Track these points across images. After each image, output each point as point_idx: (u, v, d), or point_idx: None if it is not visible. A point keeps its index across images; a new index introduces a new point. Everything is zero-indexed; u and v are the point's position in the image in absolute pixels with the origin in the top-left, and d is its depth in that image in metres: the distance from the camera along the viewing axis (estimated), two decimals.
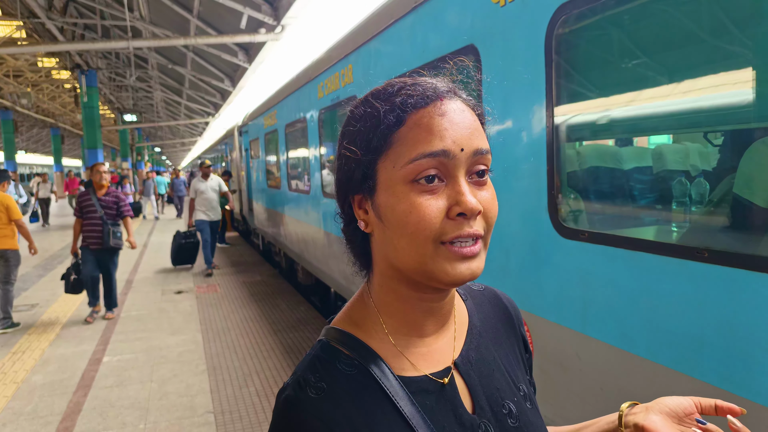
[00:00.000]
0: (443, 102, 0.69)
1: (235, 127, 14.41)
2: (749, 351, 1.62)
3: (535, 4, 2.43)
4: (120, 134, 32.98)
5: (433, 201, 0.65)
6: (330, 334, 0.76)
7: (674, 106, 2.16)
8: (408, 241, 0.66)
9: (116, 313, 7.27)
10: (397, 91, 0.71)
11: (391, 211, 0.68)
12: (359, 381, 0.70)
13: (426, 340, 0.76)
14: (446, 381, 0.74)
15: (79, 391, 4.68)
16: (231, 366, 5.20)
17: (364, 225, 0.74)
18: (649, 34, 2.20)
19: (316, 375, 0.70)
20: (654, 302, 1.94)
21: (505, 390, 0.80)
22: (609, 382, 2.16)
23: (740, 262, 1.64)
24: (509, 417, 0.78)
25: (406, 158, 0.66)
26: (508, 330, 0.91)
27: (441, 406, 0.72)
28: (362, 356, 0.72)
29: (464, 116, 0.69)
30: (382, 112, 0.69)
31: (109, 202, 6.85)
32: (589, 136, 2.58)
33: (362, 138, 0.71)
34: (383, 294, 0.76)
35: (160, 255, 12.24)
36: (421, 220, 0.65)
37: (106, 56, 23.10)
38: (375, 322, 0.75)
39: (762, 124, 1.97)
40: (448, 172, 0.67)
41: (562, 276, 2.38)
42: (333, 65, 5.57)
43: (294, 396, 0.68)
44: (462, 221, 0.66)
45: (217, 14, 13.05)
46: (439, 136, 0.66)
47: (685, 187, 2.13)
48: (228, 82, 19.14)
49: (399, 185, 0.67)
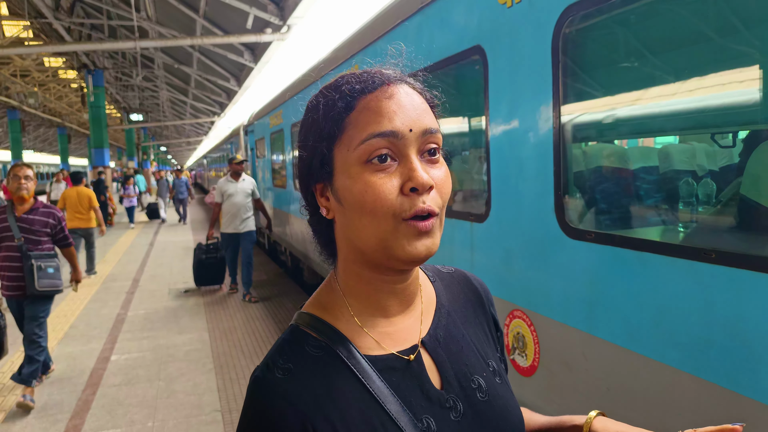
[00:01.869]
0: (390, 86, 0.72)
1: (241, 127, 14.45)
2: (755, 352, 1.63)
3: (542, 5, 2.43)
4: (126, 133, 33.15)
5: (387, 179, 0.69)
6: (300, 318, 0.79)
7: (681, 106, 2.17)
8: (369, 220, 0.69)
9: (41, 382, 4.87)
10: (345, 81, 0.75)
11: (348, 192, 0.71)
12: (326, 362, 0.72)
13: (392, 320, 0.79)
14: (412, 358, 0.77)
15: (88, 389, 4.72)
16: (238, 365, 5.23)
17: (326, 212, 0.77)
18: (655, 34, 2.21)
19: (283, 357, 0.72)
20: (660, 303, 1.95)
21: (474, 366, 0.83)
22: (615, 382, 2.17)
23: (747, 264, 1.65)
24: (478, 391, 0.80)
25: (357, 140, 0.70)
26: (477, 309, 0.94)
27: (407, 382, 0.75)
28: (329, 338, 0.75)
29: (412, 99, 0.73)
30: (332, 100, 0.73)
31: (35, 223, 4.45)
32: (596, 137, 2.58)
33: (316, 127, 0.74)
34: (347, 278, 0.79)
35: (167, 254, 12.30)
36: (377, 198, 0.68)
37: (112, 56, 23.22)
38: (341, 305, 0.78)
39: None
40: (399, 151, 0.70)
41: (568, 276, 2.39)
42: (338, 65, 5.59)
43: (262, 377, 0.71)
44: (415, 197, 0.68)
45: (223, 14, 13.10)
46: (388, 117, 0.69)
47: (691, 187, 2.14)
48: (234, 81, 19.21)
49: (354, 167, 0.70)
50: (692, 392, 1.83)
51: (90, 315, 7.21)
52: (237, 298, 7.91)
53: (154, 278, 9.55)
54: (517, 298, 2.69)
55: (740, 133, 2.19)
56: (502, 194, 2.81)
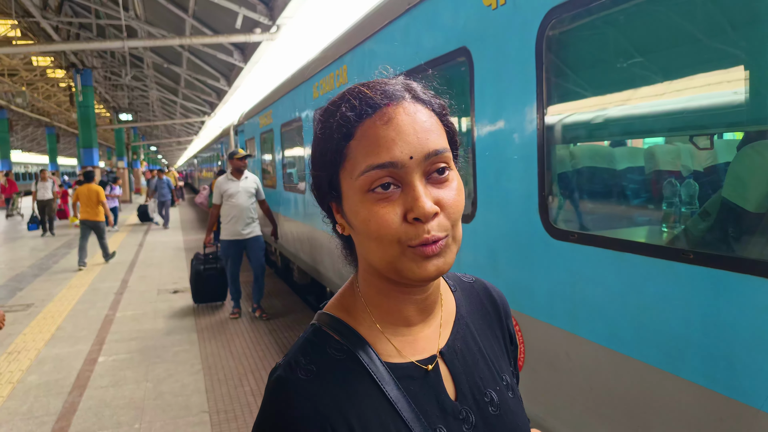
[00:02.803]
0: (389, 108, 0.69)
1: (231, 126, 14.40)
2: (733, 351, 1.65)
3: (526, 7, 2.45)
4: (116, 133, 32.92)
5: (390, 208, 0.68)
6: (322, 319, 0.80)
7: (663, 107, 2.19)
8: (376, 245, 0.70)
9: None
10: (348, 100, 0.71)
11: (355, 217, 0.71)
12: (347, 366, 0.73)
13: (412, 329, 0.79)
14: (430, 368, 0.77)
15: (75, 391, 4.69)
16: (226, 365, 5.21)
17: (341, 229, 0.78)
18: (638, 36, 2.23)
19: (306, 358, 0.73)
20: (641, 303, 1.97)
21: (488, 379, 0.84)
22: (598, 381, 2.19)
23: (724, 264, 1.67)
24: (490, 405, 0.81)
25: (358, 170, 0.69)
26: (494, 322, 0.94)
27: (424, 391, 0.75)
28: (351, 342, 0.75)
29: (414, 119, 0.69)
30: (333, 129, 0.71)
31: None
32: (580, 138, 2.61)
33: (322, 151, 0.74)
34: (366, 287, 0.79)
35: (156, 254, 12.23)
36: (381, 227, 0.68)
37: (101, 55, 23.05)
38: (363, 310, 0.79)
39: (750, 127, 2.01)
40: (402, 178, 0.68)
41: (552, 276, 2.41)
42: (328, 66, 5.59)
43: (284, 377, 0.71)
44: (420, 225, 0.67)
45: (212, 14, 13.05)
46: (385, 147, 0.67)
47: (674, 188, 2.16)
48: (224, 81, 19.14)
49: (357, 195, 0.70)
50: (672, 391, 1.86)
51: (78, 316, 7.16)
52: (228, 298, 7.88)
53: (143, 279, 9.50)
54: None
55: (722, 134, 2.22)
56: (488, 195, 2.83)
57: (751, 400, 1.60)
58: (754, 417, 1.58)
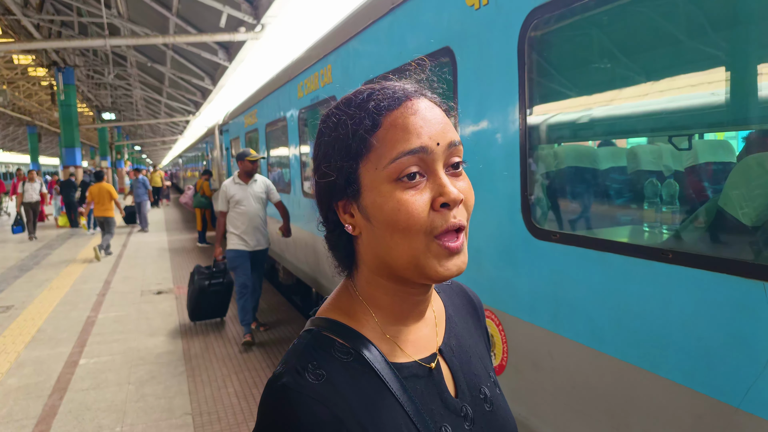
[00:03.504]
0: (413, 101, 0.72)
1: (216, 126, 14.30)
2: (712, 350, 1.66)
3: (508, 8, 2.46)
4: (99, 132, 32.55)
5: (419, 196, 0.69)
6: (320, 323, 0.78)
7: (644, 108, 2.21)
8: (401, 237, 0.69)
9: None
10: (367, 97, 0.73)
11: (379, 210, 0.70)
12: (355, 368, 0.72)
13: (411, 328, 0.80)
14: (433, 366, 0.78)
15: (55, 394, 4.62)
16: (210, 367, 5.17)
17: (351, 228, 0.76)
18: (619, 37, 2.25)
19: (313, 363, 0.71)
20: (623, 302, 1.98)
21: (481, 376, 0.86)
22: (580, 380, 2.20)
23: (704, 264, 1.69)
24: (485, 401, 0.83)
25: (387, 158, 0.69)
26: (475, 321, 0.96)
27: (429, 390, 0.76)
28: (356, 344, 0.74)
29: (434, 113, 0.73)
30: (357, 118, 0.72)
31: None
32: (563, 138, 2.62)
33: (341, 145, 0.73)
34: (370, 289, 0.78)
35: (140, 255, 12.10)
36: (410, 216, 0.68)
37: (83, 53, 22.78)
38: (364, 312, 0.78)
39: (730, 129, 2.03)
40: (427, 167, 0.70)
41: (534, 276, 2.42)
42: (312, 65, 5.57)
43: (294, 382, 0.68)
44: (446, 212, 0.69)
45: (196, 12, 12.95)
46: (416, 133, 0.69)
47: (655, 188, 2.18)
48: (208, 80, 19.01)
49: (384, 185, 0.70)
50: (652, 389, 1.87)
51: (59, 318, 7.06)
52: None
53: (126, 280, 9.40)
54: (486, 297, 2.72)
55: (703, 135, 2.24)
56: None
57: (728, 398, 1.62)
58: (733, 415, 1.59)
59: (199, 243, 13.63)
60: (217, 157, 14.59)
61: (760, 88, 1.83)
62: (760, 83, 1.83)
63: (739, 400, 1.58)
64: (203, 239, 13.69)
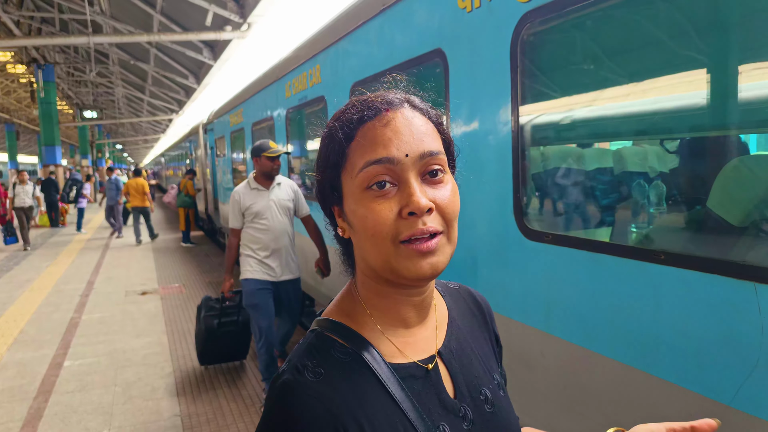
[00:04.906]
0: (388, 112, 0.75)
1: (200, 125, 14.19)
2: (703, 349, 1.70)
3: (501, 11, 2.48)
4: (79, 131, 32.09)
5: (386, 203, 0.72)
6: (323, 324, 0.81)
7: (634, 110, 2.25)
8: (371, 243, 0.73)
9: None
10: (351, 108, 0.78)
11: (354, 216, 0.75)
12: (353, 367, 0.75)
13: (411, 330, 0.82)
14: (431, 367, 0.80)
15: (40, 397, 4.56)
16: (198, 368, 5.13)
17: (342, 232, 0.81)
18: (609, 41, 2.28)
19: (313, 361, 0.74)
20: (611, 302, 2.01)
21: (482, 378, 0.87)
22: (571, 379, 2.23)
23: (695, 264, 1.72)
24: (485, 403, 0.84)
25: (357, 168, 0.73)
26: (481, 324, 0.98)
27: (426, 390, 0.78)
28: (355, 344, 0.77)
29: (411, 122, 0.75)
30: (338, 130, 0.77)
31: None
32: (554, 139, 2.65)
33: (324, 156, 0.79)
34: (365, 291, 0.82)
35: (123, 255, 11.97)
36: (377, 222, 0.71)
37: (64, 50, 22.46)
38: (364, 314, 0.81)
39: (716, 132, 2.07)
40: (398, 176, 0.72)
41: (527, 277, 2.44)
42: (300, 65, 5.55)
43: (293, 380, 0.72)
44: (414, 219, 0.71)
45: (181, 10, 12.84)
46: (383, 144, 0.72)
47: (645, 190, 2.21)
48: (192, 79, 18.84)
49: (357, 193, 0.74)
50: (644, 389, 1.90)
51: (41, 320, 6.96)
52: (197, 300, 7.75)
53: (109, 280, 9.29)
54: None
55: (691, 138, 2.28)
56: (463, 196, 2.84)
57: (719, 396, 1.65)
58: (724, 413, 1.63)
59: (183, 243, 13.52)
60: (202, 157, 14.48)
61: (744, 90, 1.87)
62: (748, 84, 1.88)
63: (730, 397, 1.62)
64: (187, 239, 13.59)
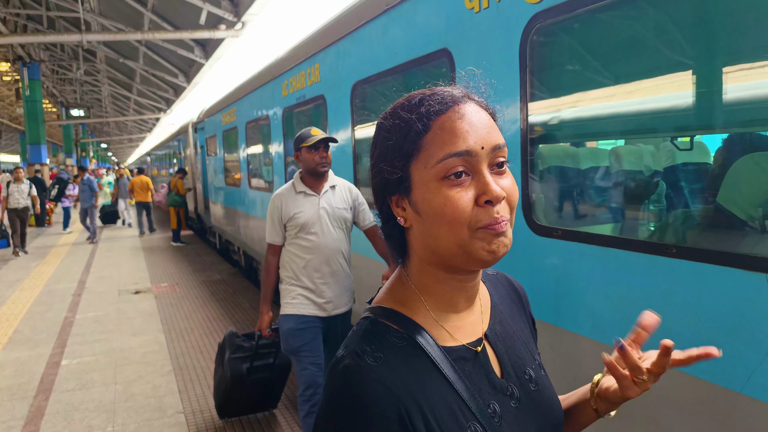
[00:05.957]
0: (460, 106, 0.78)
1: (190, 124, 14.11)
2: (714, 338, 1.77)
3: (510, 12, 2.54)
4: (63, 129, 31.69)
5: (463, 193, 0.75)
6: (376, 311, 0.85)
7: (644, 108, 2.31)
8: (447, 229, 0.76)
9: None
10: (419, 102, 0.80)
11: (428, 205, 0.77)
12: (409, 351, 0.79)
13: (460, 314, 0.86)
14: (479, 349, 0.85)
15: (40, 395, 4.54)
16: (198, 365, 5.14)
17: (403, 221, 0.83)
18: (619, 41, 2.34)
19: (371, 346, 0.78)
20: (624, 295, 2.08)
21: (525, 358, 0.93)
22: (580, 371, 2.30)
23: (704, 257, 1.79)
24: (530, 382, 0.90)
25: (435, 159, 0.75)
26: (519, 308, 1.03)
27: (476, 371, 0.83)
28: (409, 330, 0.81)
29: (480, 117, 0.78)
30: (410, 122, 0.78)
31: None
32: (563, 138, 2.71)
33: (394, 146, 0.80)
34: (422, 277, 0.85)
35: (114, 254, 11.89)
36: (455, 210, 0.74)
37: (49, 48, 22.18)
38: (416, 300, 0.84)
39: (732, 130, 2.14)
40: (472, 167, 0.76)
41: (536, 271, 2.50)
42: (299, 63, 5.57)
43: (354, 364, 0.75)
44: (489, 208, 0.75)
45: (172, 8, 12.77)
46: (462, 137, 0.75)
47: (654, 187, 2.28)
48: (182, 77, 18.71)
49: (432, 182, 0.76)
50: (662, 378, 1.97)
51: (34, 319, 6.91)
52: (191, 299, 7.74)
53: (101, 280, 9.23)
54: None
55: (702, 136, 2.35)
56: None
57: (730, 384, 1.73)
58: (735, 399, 1.70)
59: (174, 242, 13.45)
60: (191, 155, 14.41)
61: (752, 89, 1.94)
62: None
63: (741, 384, 1.69)
64: (178, 238, 13.52)
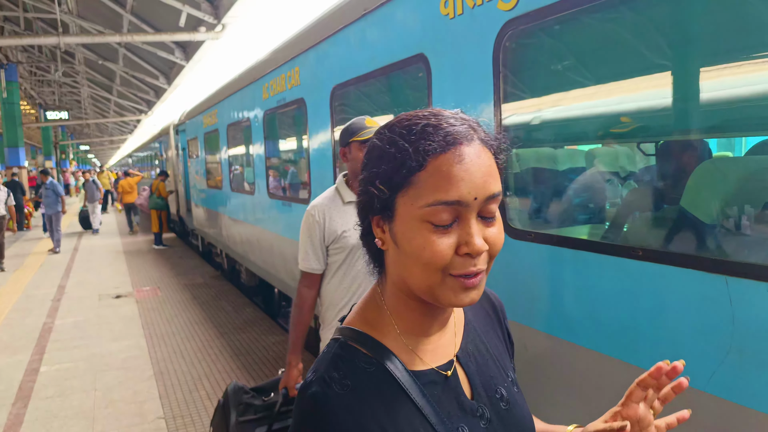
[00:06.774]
0: (460, 148, 0.73)
1: (171, 126, 14.01)
2: (678, 338, 1.82)
3: (483, 19, 2.58)
4: (42, 131, 31.23)
5: (445, 239, 0.72)
6: (346, 333, 0.85)
7: (614, 110, 2.37)
8: (420, 270, 0.74)
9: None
10: (419, 133, 0.75)
11: (407, 242, 0.75)
12: (378, 377, 0.78)
13: (431, 338, 0.86)
14: (449, 374, 0.85)
15: (18, 403, 4.50)
16: (179, 370, 5.12)
17: (380, 243, 0.81)
18: (587, 47, 2.40)
19: (339, 372, 0.77)
20: (594, 296, 2.13)
21: (497, 377, 0.92)
22: (554, 371, 2.34)
23: (669, 260, 1.84)
24: (501, 401, 0.89)
25: (424, 201, 0.72)
26: (495, 322, 1.02)
27: (446, 394, 0.83)
28: (379, 354, 0.81)
29: (480, 162, 0.73)
30: (405, 155, 0.74)
31: None
32: (535, 141, 2.76)
33: (385, 173, 0.76)
34: (395, 301, 0.85)
35: (94, 258, 11.76)
36: (434, 255, 0.72)
37: (27, 49, 21.86)
38: (388, 323, 0.84)
39: (684, 136, 2.20)
40: (460, 214, 0.73)
41: (511, 274, 2.54)
42: (279, 67, 5.57)
43: (322, 392, 0.75)
44: (468, 259, 0.73)
45: (152, 10, 12.66)
46: (456, 185, 0.71)
47: (622, 190, 2.34)
48: (163, 79, 18.56)
49: (416, 222, 0.73)
50: (623, 376, 2.02)
51: (13, 325, 6.82)
52: (173, 303, 7.69)
53: (81, 284, 9.13)
54: None
55: (667, 140, 2.42)
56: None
57: (693, 382, 1.78)
58: (698, 398, 1.76)
59: (156, 245, 13.33)
60: (173, 157, 14.30)
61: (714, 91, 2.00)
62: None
63: (704, 383, 1.74)
64: (159, 241, 13.40)
